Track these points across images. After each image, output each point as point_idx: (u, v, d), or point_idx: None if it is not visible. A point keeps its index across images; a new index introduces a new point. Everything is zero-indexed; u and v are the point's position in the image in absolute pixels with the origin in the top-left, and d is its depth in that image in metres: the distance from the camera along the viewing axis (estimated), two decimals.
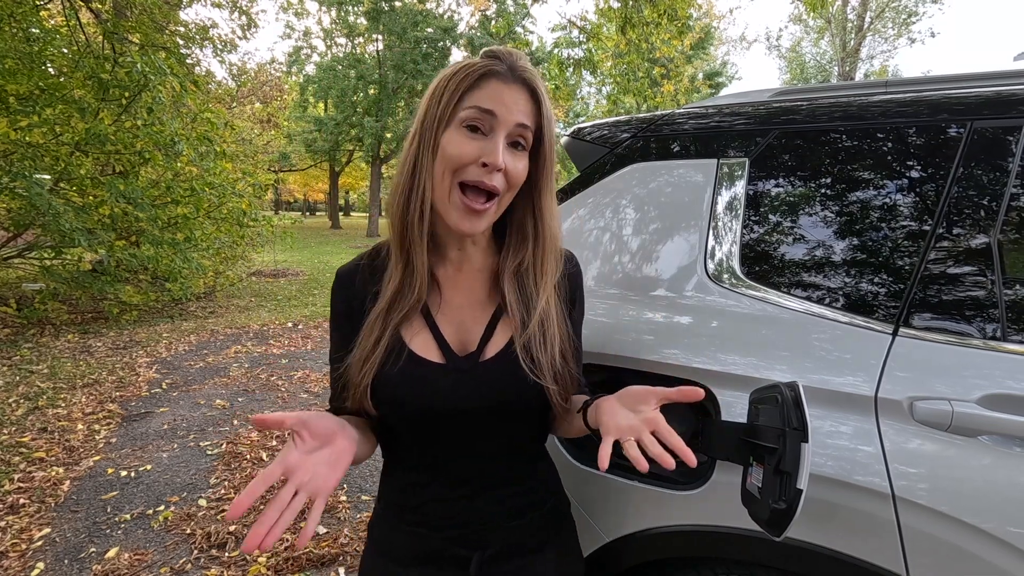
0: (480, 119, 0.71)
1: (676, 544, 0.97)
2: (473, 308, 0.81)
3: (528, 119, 0.73)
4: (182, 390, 4.14)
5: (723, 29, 28.67)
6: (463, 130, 0.72)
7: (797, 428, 0.65)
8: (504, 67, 0.73)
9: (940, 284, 0.87)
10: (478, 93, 0.72)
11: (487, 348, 0.79)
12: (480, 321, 0.81)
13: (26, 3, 4.78)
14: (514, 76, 0.73)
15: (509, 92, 0.72)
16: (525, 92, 0.73)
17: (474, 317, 0.81)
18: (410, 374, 0.75)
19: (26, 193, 4.55)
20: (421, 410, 0.76)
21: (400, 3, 20.00)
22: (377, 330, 0.76)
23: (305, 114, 23.96)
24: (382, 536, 0.86)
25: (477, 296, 0.82)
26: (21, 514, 2.43)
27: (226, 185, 6.66)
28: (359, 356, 0.76)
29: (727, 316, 0.99)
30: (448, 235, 0.81)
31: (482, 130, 0.72)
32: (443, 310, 0.80)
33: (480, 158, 0.71)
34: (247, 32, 10.87)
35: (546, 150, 0.77)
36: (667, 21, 6.48)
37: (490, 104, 0.71)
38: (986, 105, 0.91)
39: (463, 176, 0.72)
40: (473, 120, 0.71)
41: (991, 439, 0.77)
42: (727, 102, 1.19)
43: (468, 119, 0.71)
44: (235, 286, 8.76)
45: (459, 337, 0.79)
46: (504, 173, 0.72)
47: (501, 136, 0.71)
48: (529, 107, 0.73)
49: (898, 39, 22.81)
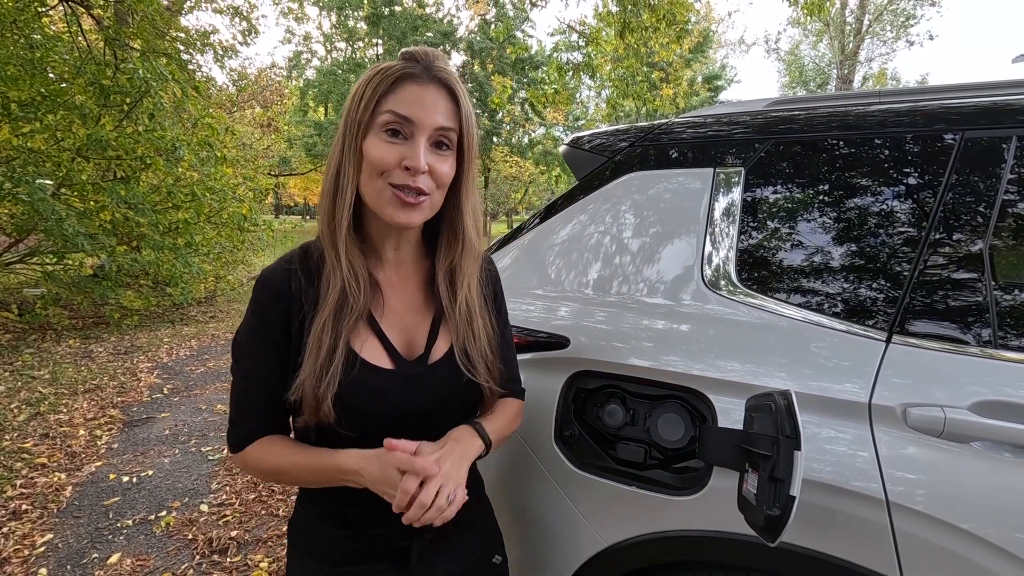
0: (399, 123, 0.72)
1: (674, 549, 0.97)
2: (415, 313, 0.84)
3: (449, 120, 0.74)
4: (183, 395, 4.16)
5: (722, 32, 28.75)
6: (383, 135, 0.73)
7: (790, 436, 0.67)
8: (420, 68, 0.74)
9: (933, 291, 0.89)
10: (394, 97, 0.72)
11: (433, 352, 0.81)
12: (423, 325, 0.83)
13: (28, 10, 4.81)
14: (430, 77, 0.74)
15: (427, 94, 0.73)
16: (444, 92, 0.74)
17: (416, 322, 0.83)
18: (364, 383, 0.75)
19: (28, 198, 4.57)
20: (376, 416, 0.77)
21: (400, 8, 20.07)
22: (328, 340, 0.73)
23: (305, 118, 24.01)
24: (310, 539, 0.84)
25: (416, 301, 0.85)
26: (23, 520, 2.44)
27: (227, 190, 6.69)
28: (313, 369, 0.72)
29: (722, 323, 1.00)
30: (383, 234, 0.82)
31: (403, 134, 0.73)
32: (387, 315, 0.81)
33: (402, 161, 0.72)
34: (248, 38, 10.90)
35: (467, 149, 0.78)
36: (665, 26, 6.52)
37: (407, 110, 0.72)
38: (977, 115, 0.93)
39: (389, 179, 0.73)
40: (392, 124, 0.72)
41: (983, 445, 0.78)
42: (723, 111, 1.21)
43: (387, 124, 0.72)
44: (236, 290, 8.78)
45: (405, 342, 0.82)
46: (430, 174, 0.74)
47: (421, 140, 0.72)
48: (449, 107, 0.75)
49: (896, 42, 22.86)
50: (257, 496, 2.72)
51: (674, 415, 0.99)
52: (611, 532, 1.03)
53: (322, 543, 0.83)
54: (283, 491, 2.77)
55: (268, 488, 2.79)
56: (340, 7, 20.78)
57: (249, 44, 16.85)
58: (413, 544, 0.82)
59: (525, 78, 20.38)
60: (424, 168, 0.72)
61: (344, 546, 0.82)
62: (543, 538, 1.12)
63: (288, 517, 2.53)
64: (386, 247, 0.83)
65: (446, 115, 0.74)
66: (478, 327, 0.83)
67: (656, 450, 1.02)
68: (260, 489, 2.78)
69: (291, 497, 2.71)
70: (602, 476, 1.04)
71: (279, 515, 2.56)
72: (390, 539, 0.82)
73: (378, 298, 0.81)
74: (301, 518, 0.87)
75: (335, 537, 0.83)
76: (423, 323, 0.83)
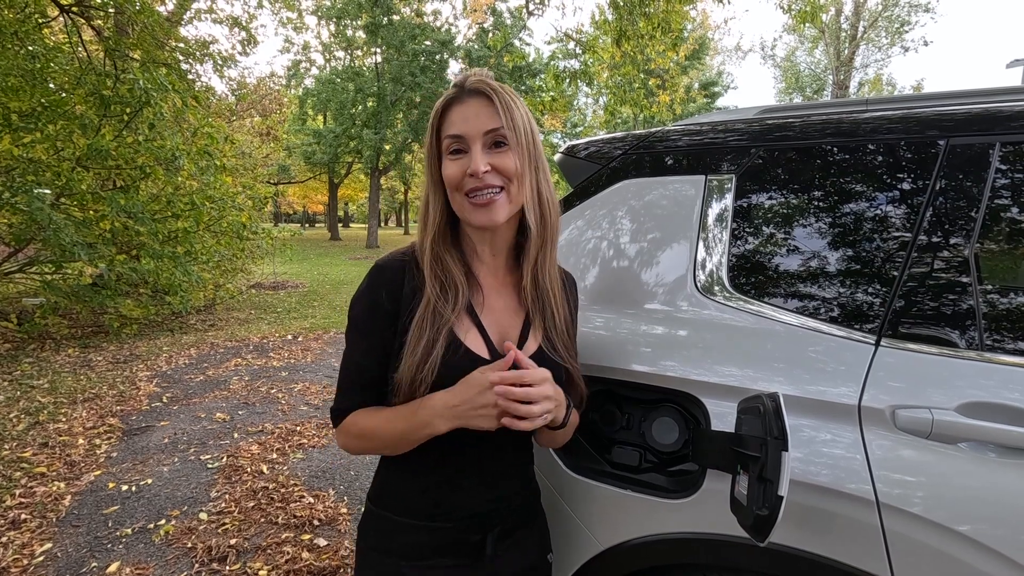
0: (456, 143, 0.83)
1: (669, 551, 0.99)
2: (509, 313, 0.92)
3: (494, 122, 0.81)
4: (182, 403, 4.16)
5: (718, 39, 28.95)
6: (450, 157, 0.84)
7: (778, 437, 0.68)
8: (459, 90, 0.84)
9: (921, 295, 0.90)
10: (446, 124, 0.84)
11: (524, 348, 0.89)
12: (515, 325, 0.92)
13: (29, 21, 4.85)
14: (467, 92, 0.83)
15: (468, 109, 0.82)
16: (482, 100, 0.82)
17: (511, 322, 0.92)
18: (465, 369, 0.81)
19: (27, 208, 4.59)
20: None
21: (398, 17, 20.20)
22: (428, 335, 0.81)
23: (304, 127, 24.11)
24: (385, 535, 0.89)
25: (512, 303, 0.93)
26: (23, 529, 2.44)
27: (226, 198, 6.71)
28: (412, 363, 0.80)
29: (714, 327, 1.02)
30: (478, 241, 0.91)
31: (463, 151, 0.83)
32: (486, 312, 0.90)
33: (466, 171, 0.81)
34: (247, 47, 10.97)
35: (524, 142, 0.84)
36: (661, 33, 6.56)
37: (455, 129, 0.82)
38: (962, 123, 0.95)
39: (464, 188, 0.83)
40: (453, 146, 0.83)
41: (969, 445, 0.80)
42: (716, 119, 1.23)
43: (449, 148, 0.84)
44: (235, 299, 8.78)
45: (500, 337, 0.89)
46: (495, 171, 0.81)
47: (476, 148, 0.81)
48: (490, 111, 0.82)
49: (891, 48, 23.04)
50: (256, 504, 2.72)
51: (668, 419, 1.01)
52: (608, 535, 1.04)
53: (396, 538, 0.88)
54: (282, 499, 2.77)
55: (267, 496, 2.80)
56: (339, 16, 20.91)
57: (248, 54, 16.96)
58: (487, 538, 0.88)
59: (523, 86, 20.48)
60: (482, 168, 0.80)
61: (419, 538, 0.87)
62: None
63: (287, 524, 2.54)
64: (484, 252, 0.92)
65: (489, 118, 0.81)
66: (559, 318, 0.91)
67: (651, 453, 1.03)
68: (259, 497, 2.78)
69: (291, 505, 2.71)
70: (598, 480, 1.05)
71: (278, 523, 2.56)
72: (464, 533, 0.88)
73: (478, 296, 0.89)
74: (373, 515, 0.92)
75: (410, 530, 0.87)
76: (516, 322, 0.92)
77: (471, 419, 0.78)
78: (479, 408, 0.77)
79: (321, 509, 2.69)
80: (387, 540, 0.89)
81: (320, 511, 2.66)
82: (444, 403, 0.79)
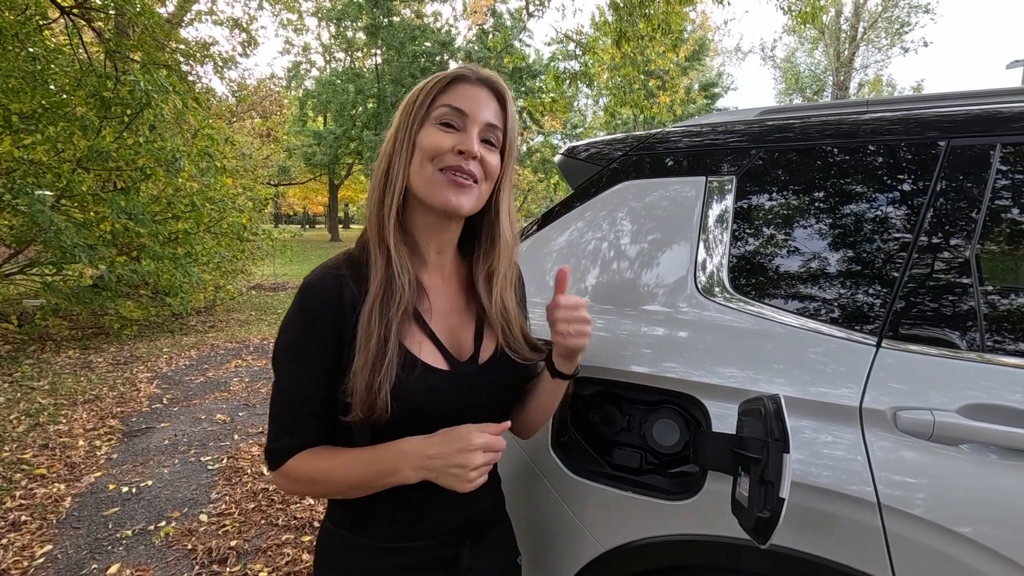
0: (453, 117, 0.78)
1: (670, 553, 0.98)
2: (460, 314, 0.87)
3: (497, 120, 0.80)
4: (183, 405, 4.15)
5: (718, 40, 28.96)
6: (438, 127, 0.78)
7: (779, 439, 0.68)
8: (471, 73, 0.80)
9: (922, 296, 0.90)
10: (450, 94, 0.78)
11: (481, 352, 0.85)
12: (468, 327, 0.87)
13: (30, 23, 4.86)
14: (481, 80, 0.80)
15: (480, 92, 0.79)
16: (493, 95, 0.81)
17: (462, 323, 0.87)
18: (425, 384, 0.77)
19: (28, 210, 4.59)
20: (435, 417, 0.78)
21: (398, 18, 20.22)
22: (376, 331, 0.73)
23: (304, 128, 24.12)
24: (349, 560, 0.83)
25: (460, 303, 0.88)
26: (23, 531, 2.44)
27: (226, 200, 6.71)
28: (365, 362, 0.72)
29: (714, 328, 1.02)
30: (425, 235, 0.84)
31: (455, 126, 0.78)
32: (435, 317, 0.84)
33: (456, 147, 0.76)
34: (247, 49, 10.98)
35: (508, 151, 0.83)
36: (661, 34, 6.57)
37: (461, 103, 0.77)
38: (962, 124, 0.95)
39: (441, 163, 0.77)
40: (446, 117, 0.78)
41: (971, 447, 0.80)
42: (715, 120, 1.23)
43: (441, 117, 0.78)
44: (235, 300, 8.78)
45: (454, 343, 0.84)
46: (480, 163, 0.78)
47: (474, 131, 0.77)
48: (497, 108, 0.81)
49: (891, 49, 23.05)
50: (256, 506, 2.72)
51: (669, 420, 1.00)
52: (609, 537, 1.04)
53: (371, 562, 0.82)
54: (283, 500, 2.77)
55: (268, 497, 2.79)
56: (339, 18, 20.93)
57: (248, 55, 16.97)
58: (461, 551, 0.85)
59: (523, 87, 20.49)
60: (476, 152, 0.76)
61: (395, 560, 0.82)
62: (541, 543, 1.13)
63: (287, 526, 2.54)
64: (429, 250, 0.85)
65: (495, 114, 0.80)
66: (514, 324, 0.88)
67: (651, 455, 1.03)
68: (259, 499, 2.78)
69: (291, 506, 2.71)
70: (599, 481, 1.05)
71: (278, 524, 2.56)
72: (441, 549, 0.84)
73: (424, 300, 0.83)
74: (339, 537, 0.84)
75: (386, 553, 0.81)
76: (468, 324, 0.87)
77: (443, 475, 0.73)
78: (454, 467, 0.72)
79: (321, 511, 2.68)
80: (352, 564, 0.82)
81: (320, 513, 2.66)
82: (419, 451, 0.73)
